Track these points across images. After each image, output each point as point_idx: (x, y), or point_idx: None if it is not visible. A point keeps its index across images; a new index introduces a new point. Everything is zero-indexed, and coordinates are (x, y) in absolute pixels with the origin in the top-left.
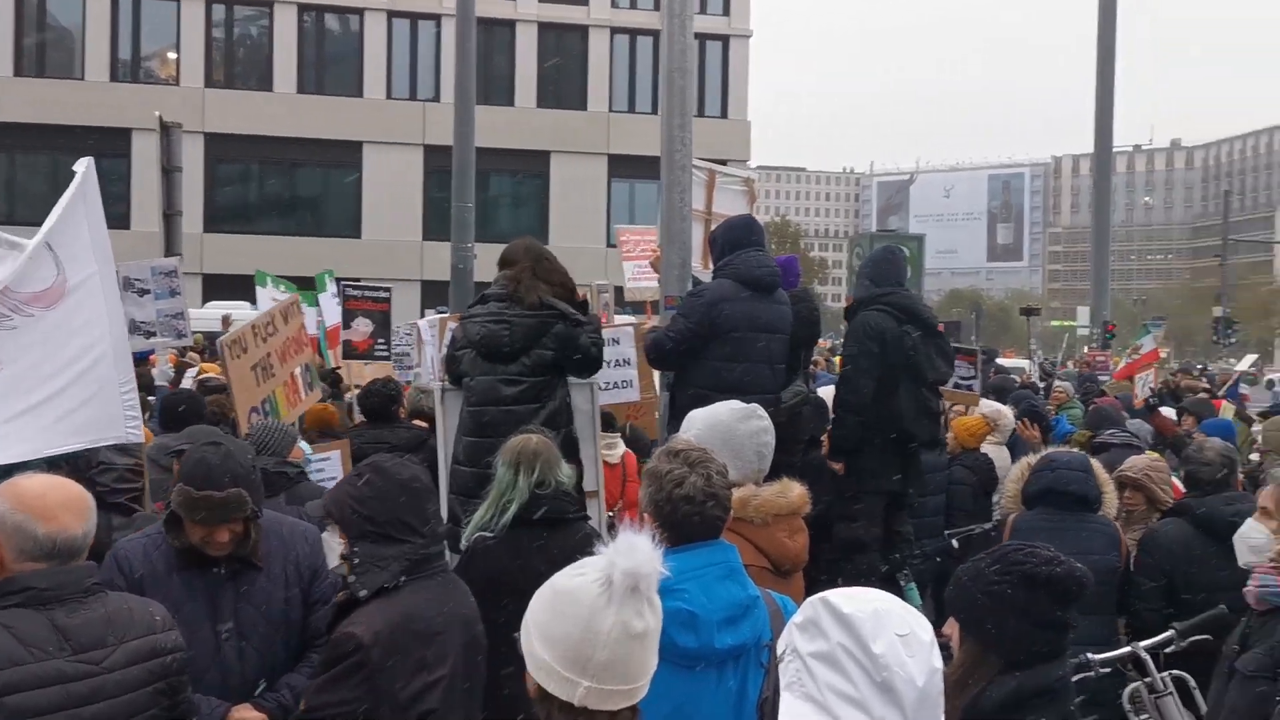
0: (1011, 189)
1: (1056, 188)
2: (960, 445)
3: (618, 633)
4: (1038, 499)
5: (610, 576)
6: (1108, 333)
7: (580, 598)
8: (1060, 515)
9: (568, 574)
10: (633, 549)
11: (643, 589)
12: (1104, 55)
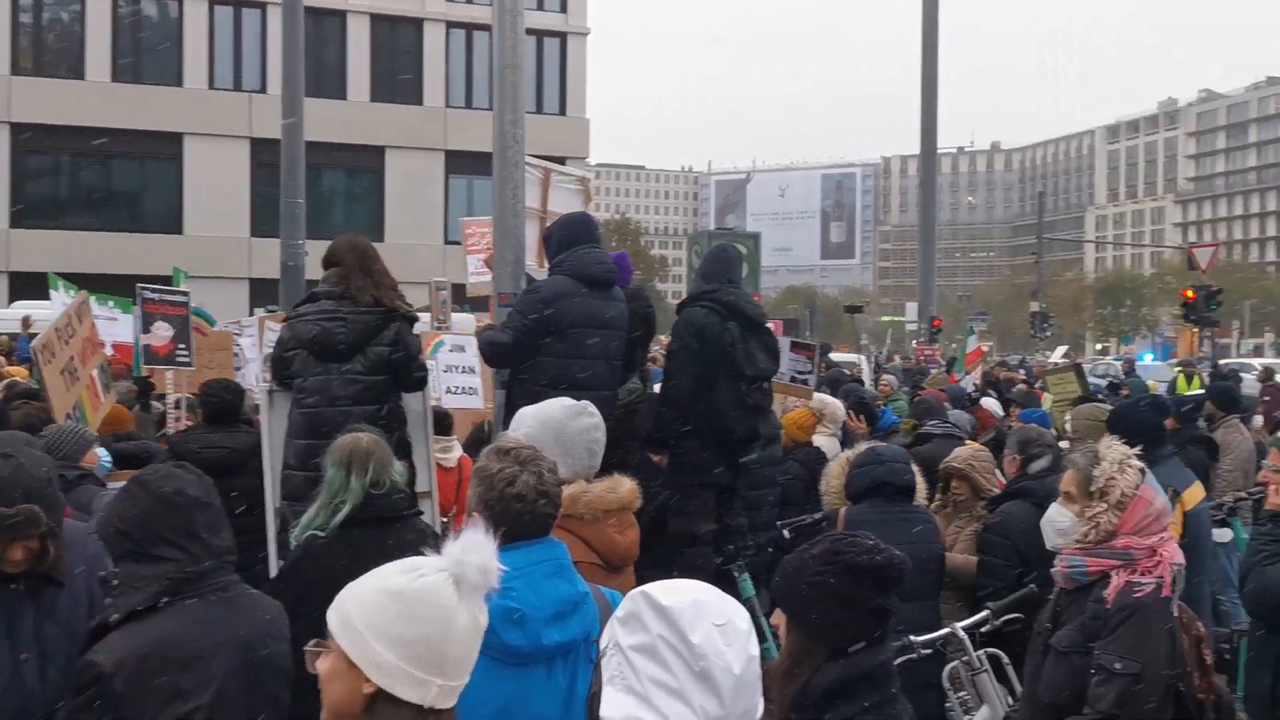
0: (844, 188)
1: (886, 187)
2: (791, 439)
3: (471, 629)
4: (869, 492)
5: (462, 574)
6: (934, 328)
7: (433, 597)
8: (888, 506)
9: (403, 575)
10: (479, 546)
11: (490, 584)
12: (928, 60)
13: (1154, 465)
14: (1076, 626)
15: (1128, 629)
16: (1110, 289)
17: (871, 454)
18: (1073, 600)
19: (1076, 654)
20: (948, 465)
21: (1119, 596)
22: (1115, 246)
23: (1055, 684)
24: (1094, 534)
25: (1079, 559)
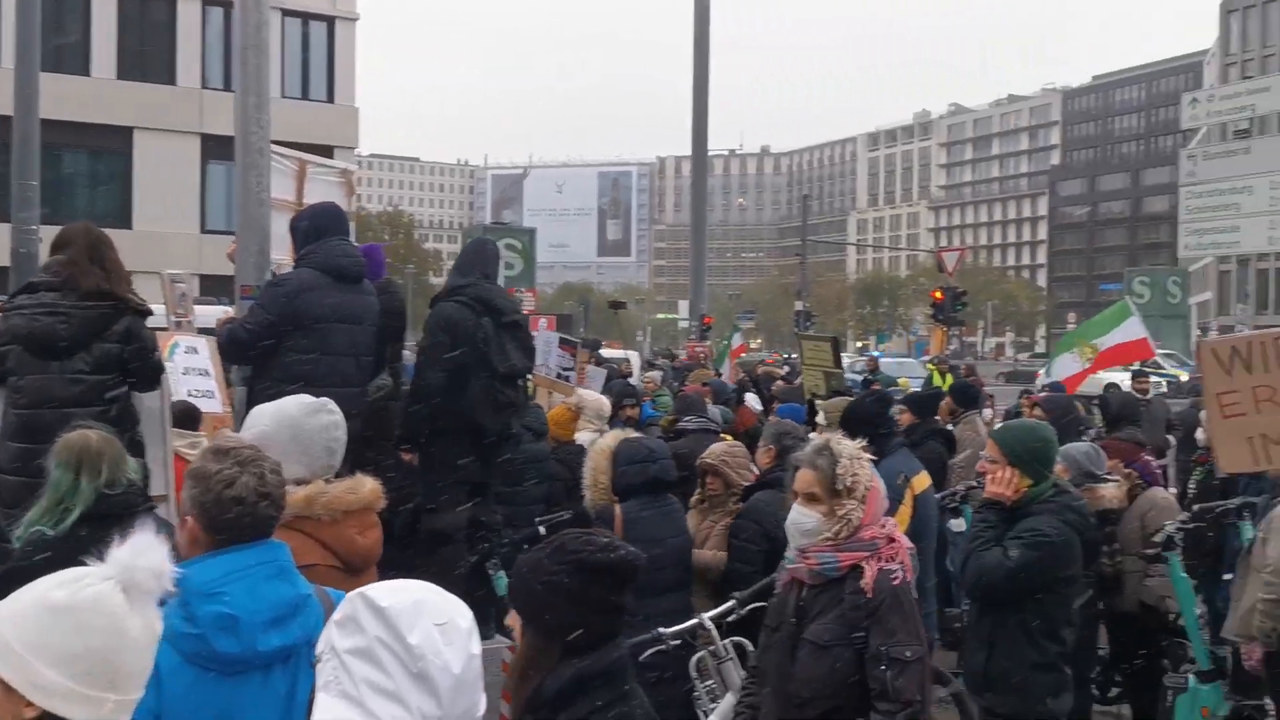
0: (620, 186)
1: (661, 187)
2: (552, 437)
3: (145, 638)
4: (645, 488)
5: (132, 579)
6: (705, 325)
7: (101, 607)
8: (658, 502)
9: (64, 587)
10: (149, 548)
11: (164, 588)
12: (699, 62)
13: (885, 455)
14: (835, 620)
15: (897, 616)
16: (869, 289)
17: (643, 450)
18: (819, 595)
19: (839, 646)
20: (702, 461)
21: (878, 585)
22: (875, 249)
23: (817, 678)
24: (845, 529)
25: (830, 555)
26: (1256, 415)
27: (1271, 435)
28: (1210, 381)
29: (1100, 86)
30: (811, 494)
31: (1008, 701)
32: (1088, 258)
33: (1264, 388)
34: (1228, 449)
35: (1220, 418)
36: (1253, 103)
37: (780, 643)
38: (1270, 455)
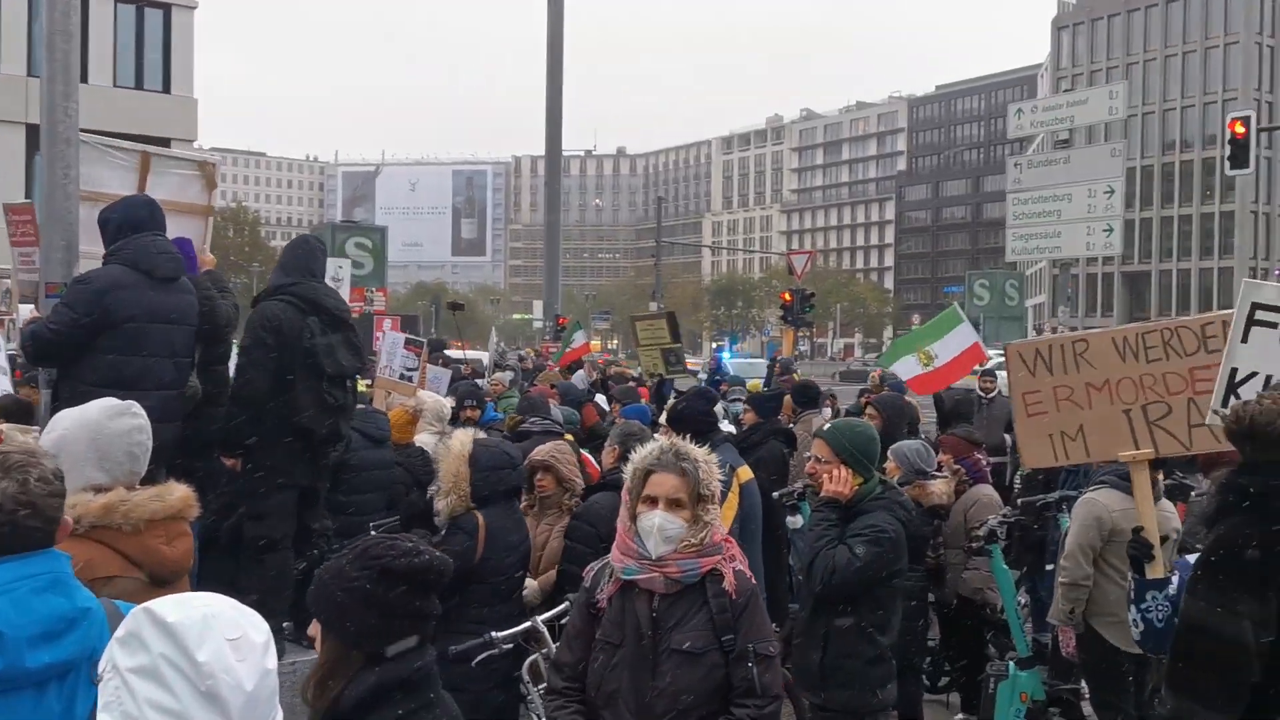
0: (475, 185)
1: (517, 186)
2: (393, 439)
3: None
4: (505, 495)
5: None
6: (559, 326)
7: None
8: (510, 507)
9: None
10: None
11: None
12: (553, 62)
13: (712, 450)
14: (703, 626)
15: (759, 614)
16: (724, 291)
17: (504, 456)
18: (677, 602)
19: (711, 652)
20: (532, 459)
21: (740, 586)
22: (729, 251)
23: (691, 687)
24: (708, 535)
25: (693, 561)
26: (1056, 413)
27: (1069, 432)
28: (1016, 382)
29: (943, 96)
30: (678, 500)
31: (842, 696)
32: (932, 261)
33: (1063, 388)
34: (1031, 445)
35: (1025, 416)
36: (1072, 114)
37: (634, 658)
38: (1069, 450)
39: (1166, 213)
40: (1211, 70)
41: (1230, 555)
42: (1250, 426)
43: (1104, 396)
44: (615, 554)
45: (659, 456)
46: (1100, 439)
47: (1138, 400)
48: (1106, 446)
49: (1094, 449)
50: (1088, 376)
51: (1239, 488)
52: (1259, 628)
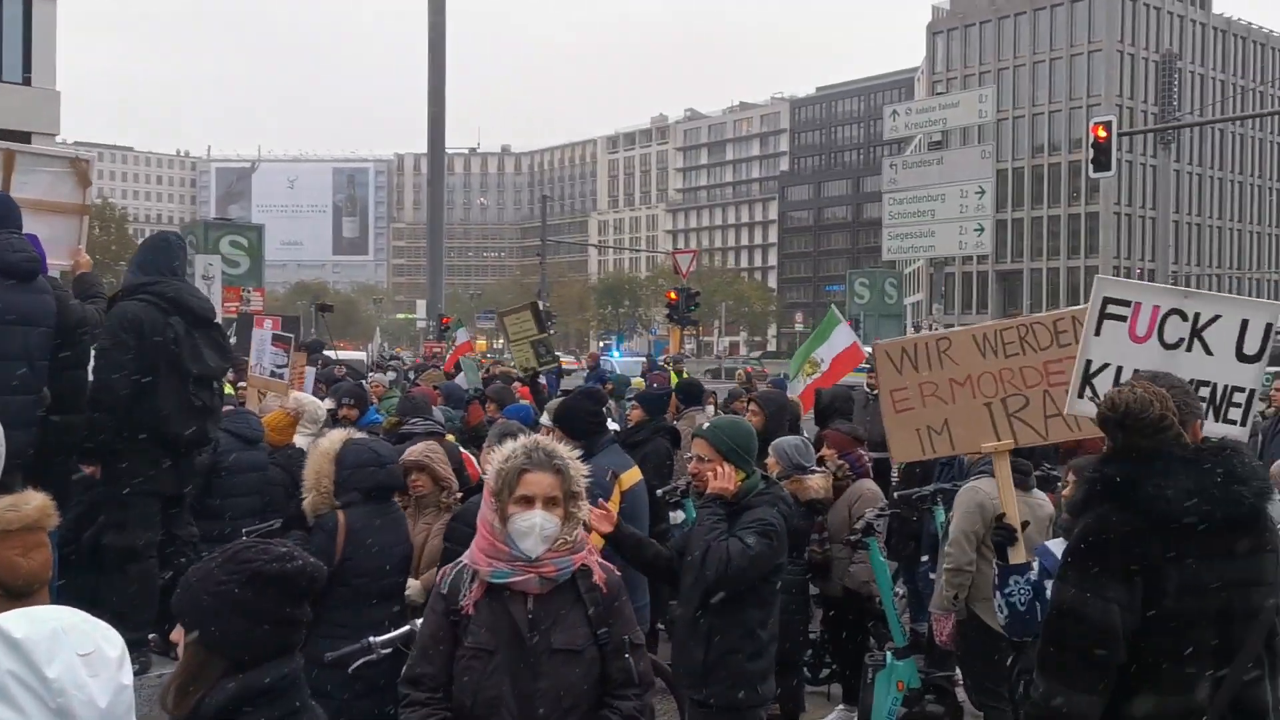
0: (356, 183)
1: (400, 184)
2: (270, 442)
3: None
4: (371, 494)
5: None
6: (443, 325)
7: None
8: (384, 508)
9: None
10: None
11: None
12: (435, 59)
13: (596, 452)
14: (581, 623)
15: (628, 606)
16: (611, 290)
17: (370, 453)
18: (550, 601)
19: (590, 648)
20: (405, 459)
21: (610, 581)
22: (615, 250)
23: (574, 685)
24: (579, 531)
25: (567, 559)
26: (922, 409)
27: (935, 426)
28: (884, 379)
29: (824, 97)
30: (554, 498)
31: (724, 692)
32: (814, 260)
33: (929, 384)
34: (899, 440)
35: (893, 412)
36: (944, 117)
37: (513, 662)
38: (935, 444)
39: (1037, 213)
40: (1076, 76)
41: (1099, 542)
42: (1124, 414)
43: (966, 391)
44: (479, 557)
45: (530, 455)
46: (964, 432)
47: (998, 394)
48: (970, 439)
49: (958, 441)
50: (951, 373)
51: (1106, 477)
52: (1125, 612)
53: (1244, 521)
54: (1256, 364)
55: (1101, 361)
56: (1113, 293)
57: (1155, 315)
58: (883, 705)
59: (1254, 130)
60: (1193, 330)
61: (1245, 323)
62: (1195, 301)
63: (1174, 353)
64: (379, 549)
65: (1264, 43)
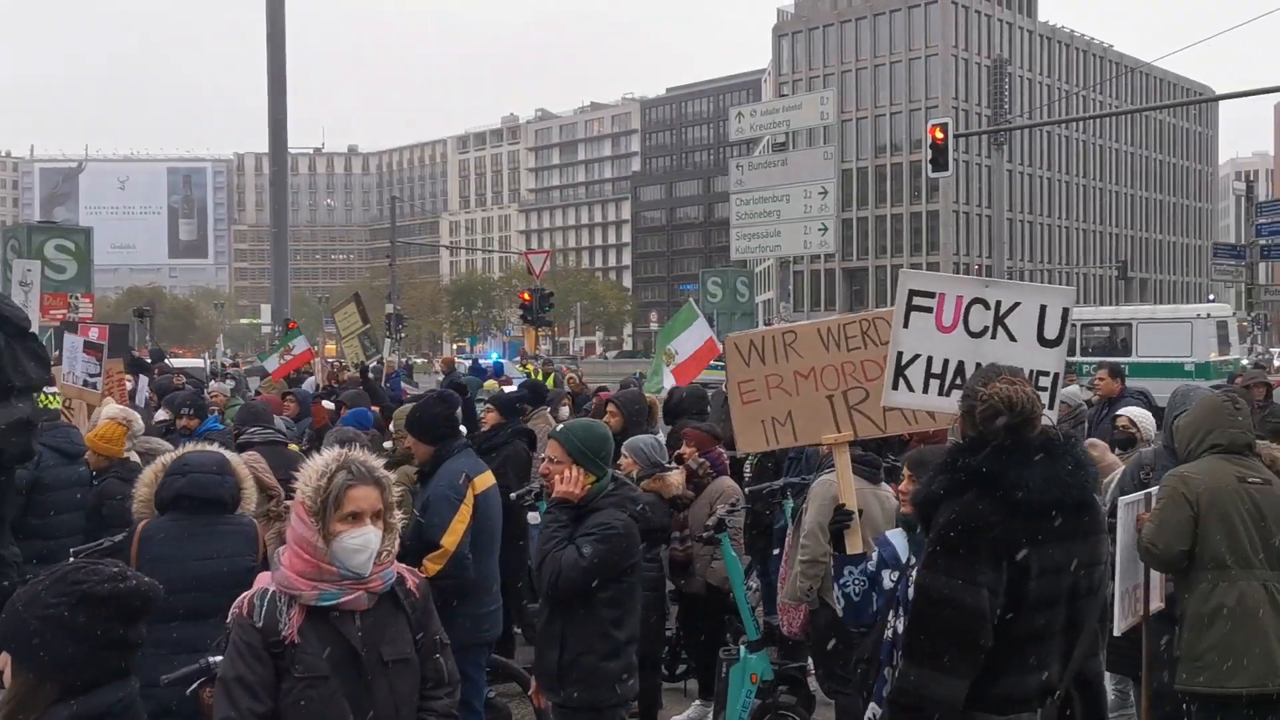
0: (194, 184)
1: (240, 185)
2: (102, 456)
3: None
4: (171, 504)
5: None
6: (289, 329)
7: None
8: (192, 519)
9: None
10: None
11: None
12: (274, 57)
13: (451, 455)
14: (403, 630)
15: (433, 605)
16: (463, 291)
17: (180, 463)
18: (377, 613)
19: (414, 653)
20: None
21: (419, 584)
22: (468, 251)
23: (408, 692)
24: (398, 543)
25: (389, 570)
26: (768, 400)
27: (779, 417)
28: (732, 371)
29: (675, 98)
30: (378, 512)
31: (581, 693)
32: (668, 260)
33: (775, 375)
34: (745, 431)
35: (740, 404)
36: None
37: (351, 684)
38: (778, 435)
39: (880, 212)
40: (915, 79)
41: (968, 530)
42: (1019, 413)
43: (810, 383)
44: (297, 582)
45: (352, 470)
46: (806, 423)
47: (839, 386)
48: (812, 430)
49: (801, 433)
50: (796, 365)
51: (971, 467)
52: (993, 596)
53: (1087, 505)
54: (1057, 348)
55: (912, 353)
56: (917, 285)
57: (960, 305)
58: (737, 698)
59: (1078, 133)
60: (995, 318)
61: (1044, 308)
62: (995, 290)
63: (980, 340)
64: (169, 561)
65: (1085, 49)
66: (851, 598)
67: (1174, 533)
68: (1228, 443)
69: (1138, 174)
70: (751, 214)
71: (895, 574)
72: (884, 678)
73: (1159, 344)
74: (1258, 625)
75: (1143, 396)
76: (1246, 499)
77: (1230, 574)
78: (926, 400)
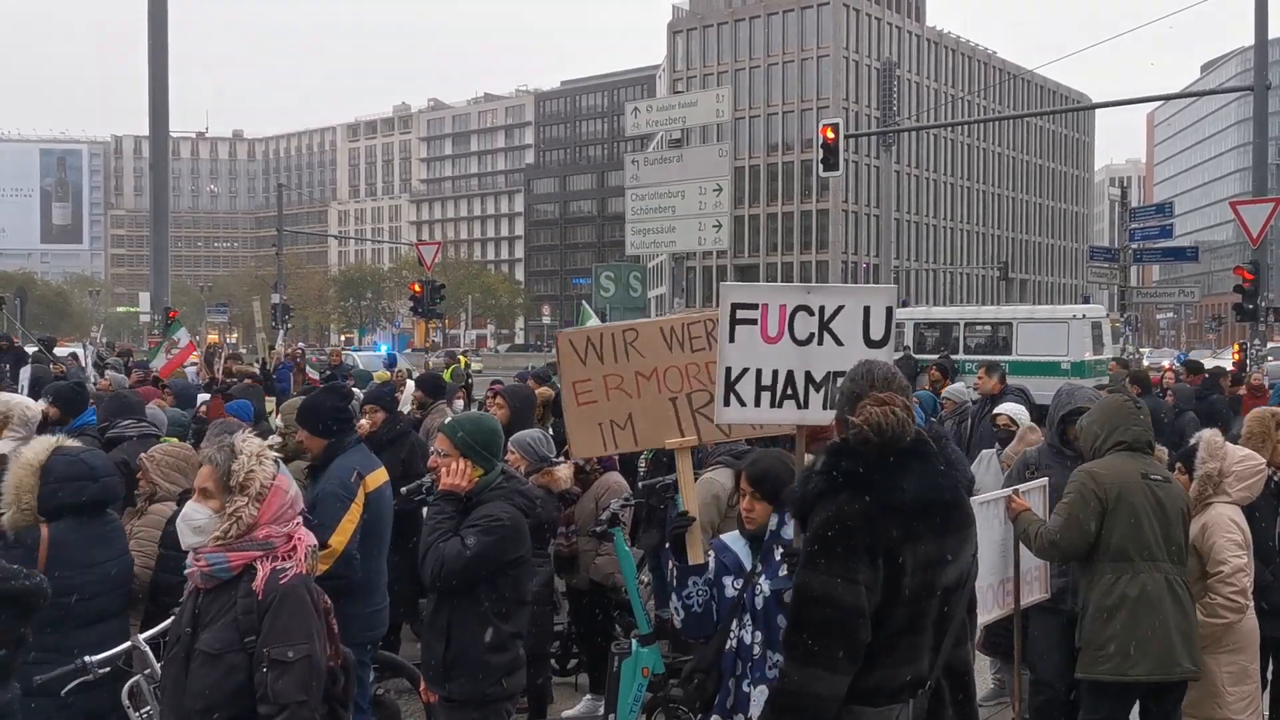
0: (68, 166)
1: (118, 168)
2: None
3: None
4: (82, 509)
5: None
6: (170, 319)
7: None
8: (91, 522)
9: None
10: None
11: None
12: (156, 37)
13: (343, 450)
14: (227, 626)
15: (284, 616)
16: (352, 282)
17: (82, 466)
18: (215, 599)
19: (230, 654)
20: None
21: (268, 585)
22: (357, 241)
23: (208, 689)
24: (236, 528)
25: (221, 555)
26: (606, 402)
27: (619, 420)
28: (566, 371)
29: (569, 91)
30: (205, 489)
31: (466, 687)
32: (561, 253)
33: (614, 376)
34: (581, 435)
35: (575, 405)
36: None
37: (177, 655)
38: (618, 439)
39: (772, 210)
40: (807, 79)
41: (844, 529)
42: (888, 438)
43: (652, 385)
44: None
45: (209, 447)
46: (648, 427)
47: (683, 389)
48: (654, 434)
49: (642, 437)
50: (637, 365)
51: (847, 470)
52: (870, 593)
53: (958, 503)
54: (885, 347)
55: (741, 367)
56: (739, 298)
57: (784, 314)
58: (628, 692)
59: (963, 136)
60: (820, 324)
61: (867, 309)
62: (818, 295)
63: (806, 348)
64: (88, 566)
65: (971, 55)
66: (694, 609)
67: (1080, 528)
68: (1131, 440)
69: (1019, 178)
70: (647, 209)
71: (738, 581)
72: (727, 688)
73: (1037, 343)
74: (1159, 616)
75: (1022, 393)
76: (1150, 495)
77: (1134, 566)
78: (759, 414)
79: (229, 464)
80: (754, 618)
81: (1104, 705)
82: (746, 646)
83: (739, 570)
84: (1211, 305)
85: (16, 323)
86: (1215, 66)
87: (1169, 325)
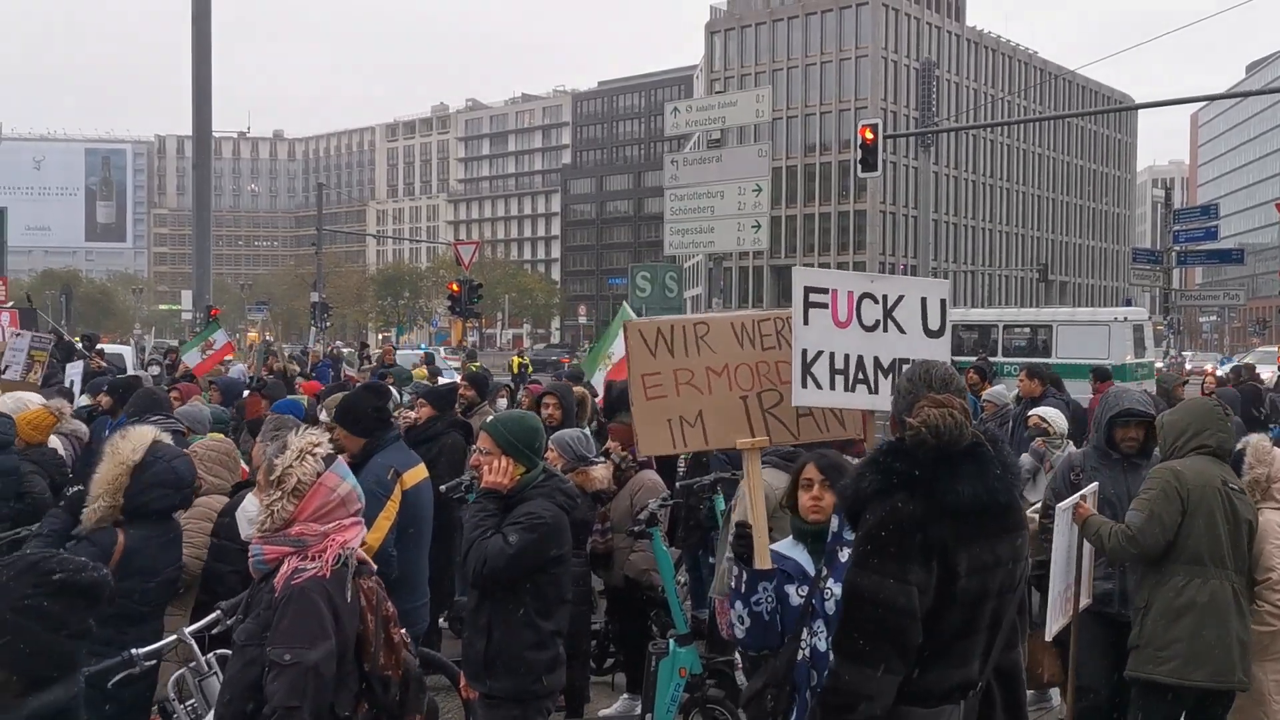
0: (113, 165)
1: (161, 168)
2: (25, 441)
3: None
4: (159, 515)
5: None
6: (212, 317)
7: None
8: (165, 527)
9: None
10: None
11: None
12: (200, 38)
13: (381, 448)
14: (255, 619)
15: (288, 618)
16: (390, 281)
17: (173, 475)
18: (259, 591)
19: (250, 646)
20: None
21: (284, 584)
22: (395, 240)
23: (232, 678)
24: (270, 521)
25: (259, 548)
26: (676, 398)
27: (688, 417)
28: (635, 363)
29: (606, 92)
30: (258, 483)
31: (506, 685)
32: (597, 253)
33: (684, 370)
34: (648, 430)
35: (644, 399)
36: (723, 115)
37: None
38: (686, 437)
39: (809, 210)
40: (845, 80)
41: (898, 530)
42: (943, 439)
43: (723, 382)
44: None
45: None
46: (719, 425)
47: (754, 387)
48: (725, 433)
49: (713, 436)
50: (708, 360)
51: (900, 470)
52: (923, 594)
53: (1012, 505)
54: (942, 338)
55: (815, 350)
56: (811, 281)
57: (851, 300)
58: (665, 692)
59: (1003, 137)
60: (884, 311)
61: (924, 301)
62: (880, 284)
63: (873, 334)
64: (154, 573)
65: (1011, 55)
66: (762, 617)
67: (1163, 525)
68: (1216, 445)
69: (1059, 179)
70: (685, 210)
71: (803, 588)
72: (804, 700)
73: (1078, 346)
74: (1224, 625)
75: (1064, 403)
76: (1227, 503)
77: (1206, 571)
78: (834, 397)
79: (274, 458)
80: (827, 623)
81: (1157, 709)
82: (822, 654)
83: (803, 577)
84: (1256, 309)
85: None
86: (1260, 67)
87: (1212, 329)
